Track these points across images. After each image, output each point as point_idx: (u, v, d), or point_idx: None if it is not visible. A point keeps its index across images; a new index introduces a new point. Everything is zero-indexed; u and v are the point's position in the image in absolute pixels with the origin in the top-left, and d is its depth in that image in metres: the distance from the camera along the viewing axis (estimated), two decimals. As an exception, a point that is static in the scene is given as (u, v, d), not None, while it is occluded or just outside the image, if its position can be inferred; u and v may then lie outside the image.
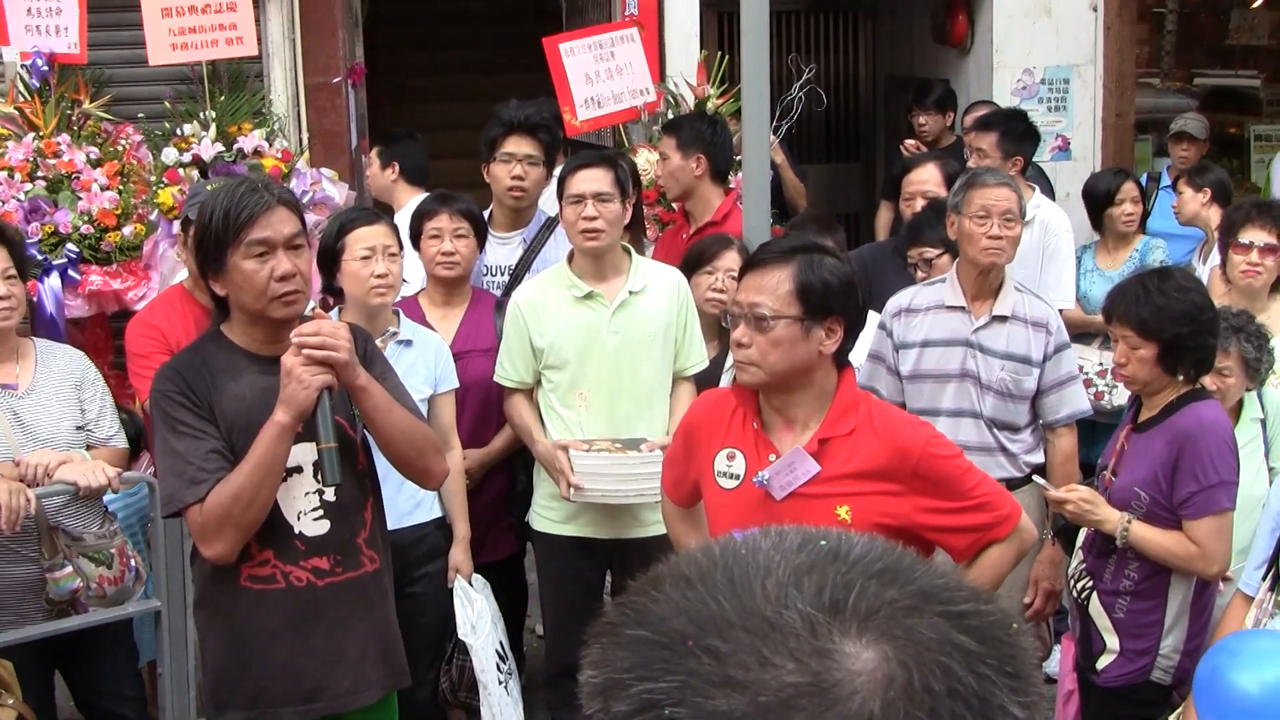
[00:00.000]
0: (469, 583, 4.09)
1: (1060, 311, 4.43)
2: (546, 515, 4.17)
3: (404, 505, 3.89)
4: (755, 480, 2.88)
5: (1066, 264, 5.39)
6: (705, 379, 4.11)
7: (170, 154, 5.35)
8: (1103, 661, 3.59)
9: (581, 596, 4.15)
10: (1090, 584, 3.62)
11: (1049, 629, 4.39)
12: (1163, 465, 3.44)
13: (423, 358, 4.05)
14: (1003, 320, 4.07)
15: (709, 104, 6.00)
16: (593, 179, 4.03)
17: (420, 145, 5.68)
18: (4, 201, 5.17)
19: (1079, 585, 3.66)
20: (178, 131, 5.45)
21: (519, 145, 4.73)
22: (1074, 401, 4.12)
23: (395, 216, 4.83)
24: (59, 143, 5.28)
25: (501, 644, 4.13)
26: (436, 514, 4.08)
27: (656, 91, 6.15)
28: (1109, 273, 5.68)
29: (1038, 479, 3.92)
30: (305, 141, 6.12)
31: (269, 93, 6.03)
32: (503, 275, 4.79)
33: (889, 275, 4.72)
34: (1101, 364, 5.17)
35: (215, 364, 3.05)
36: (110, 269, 5.26)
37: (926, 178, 5.17)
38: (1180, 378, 3.52)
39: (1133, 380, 3.57)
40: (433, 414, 4.02)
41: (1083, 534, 3.71)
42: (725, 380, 3.93)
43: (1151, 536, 3.45)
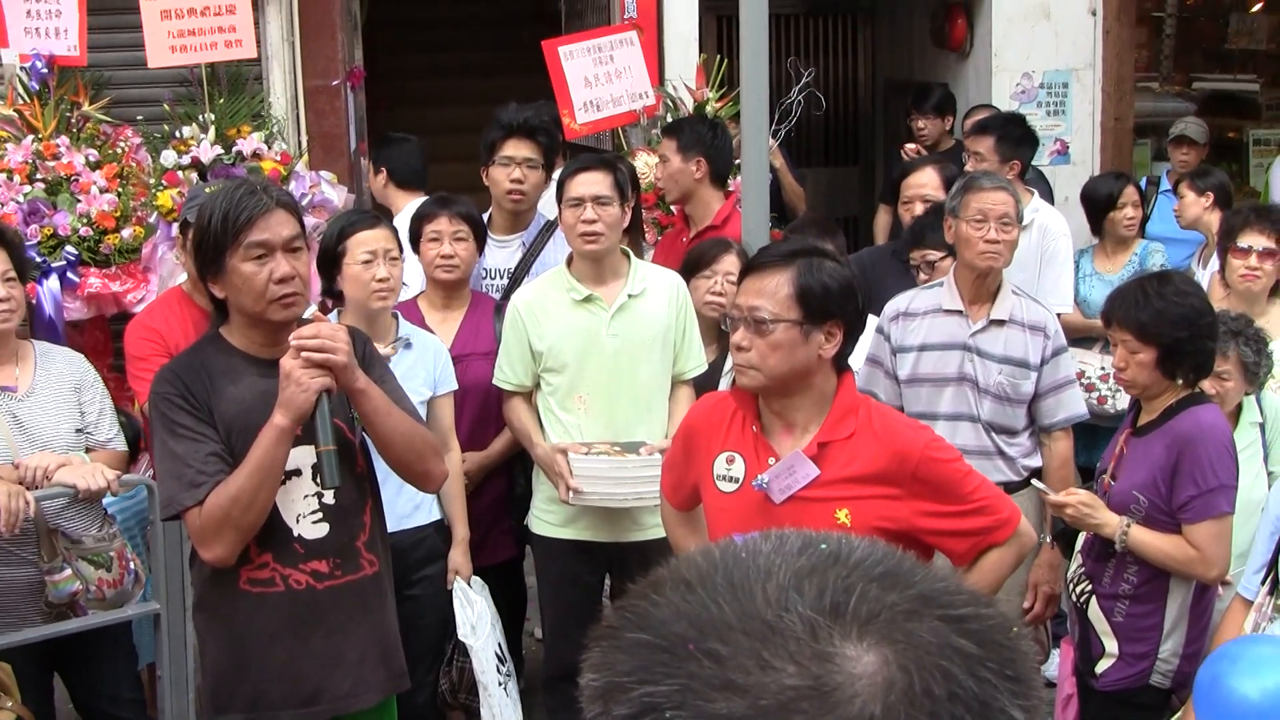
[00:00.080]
0: (468, 584, 4.09)
1: (1060, 316, 4.43)
2: (545, 518, 4.17)
3: (403, 508, 3.89)
4: (754, 483, 2.88)
5: (1065, 268, 5.38)
6: (704, 382, 4.11)
7: (169, 156, 5.34)
8: (1102, 665, 3.59)
9: (580, 600, 4.15)
10: (1089, 588, 3.62)
11: (1047, 633, 4.39)
12: (1162, 469, 3.45)
13: (421, 360, 4.05)
14: (1000, 324, 4.06)
15: (708, 107, 6.00)
16: (592, 182, 4.03)
17: (413, 148, 5.66)
18: (3, 204, 5.17)
19: (1078, 589, 3.66)
20: (177, 134, 5.44)
21: (518, 148, 4.72)
22: (1071, 405, 4.12)
23: (393, 220, 4.83)
24: (58, 145, 5.28)
25: (500, 646, 4.13)
26: (435, 516, 4.08)
27: (655, 95, 6.15)
28: (1108, 277, 5.68)
29: (1036, 483, 3.92)
30: (304, 144, 6.12)
31: (268, 95, 6.03)
32: (502, 278, 4.78)
33: (888, 279, 4.72)
34: (1104, 368, 5.16)
35: (214, 367, 3.05)
36: (109, 271, 5.26)
37: (925, 181, 5.17)
38: (1179, 382, 3.52)
39: (1132, 384, 3.58)
40: (432, 416, 4.01)
41: (1081, 538, 3.71)
42: (724, 383, 3.93)
43: (1151, 540, 3.45)
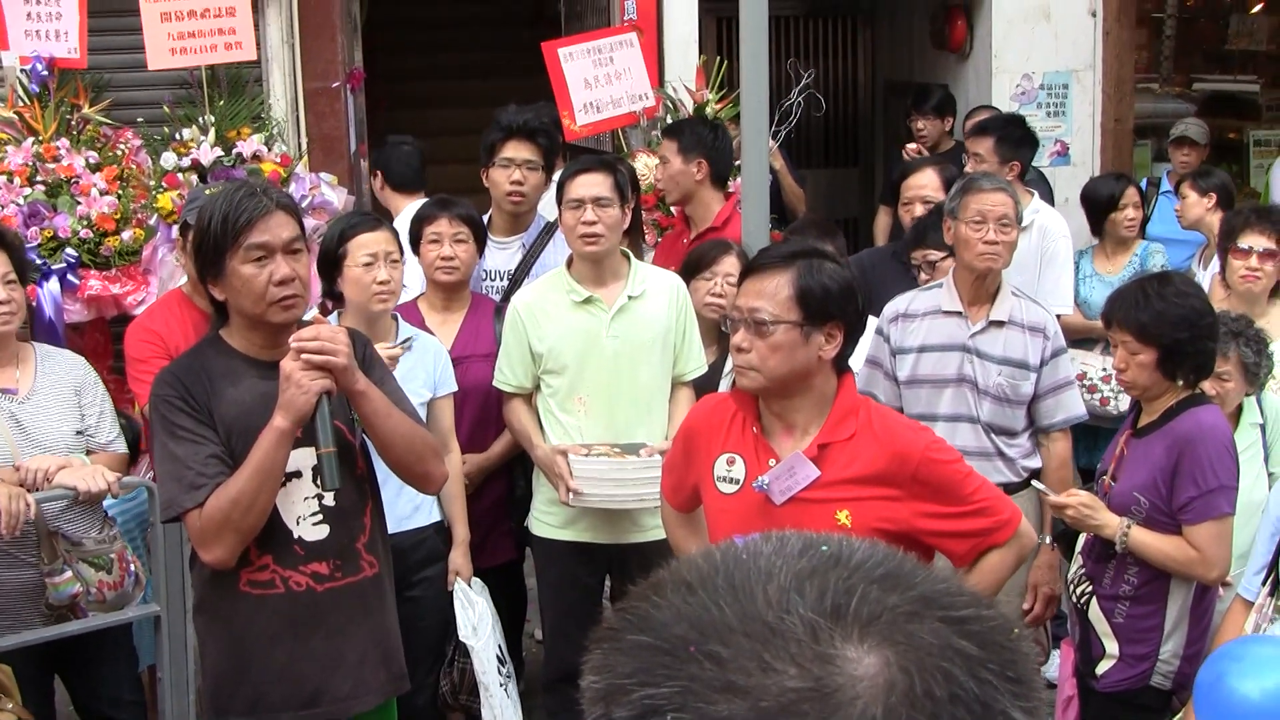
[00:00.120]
0: (468, 585, 4.09)
1: (1061, 317, 4.42)
2: (545, 520, 4.17)
3: (403, 509, 3.88)
4: (755, 485, 2.88)
5: (1065, 269, 5.38)
6: (704, 384, 4.11)
7: (169, 158, 5.34)
8: (1102, 667, 3.58)
9: (580, 602, 4.14)
10: (1090, 589, 3.62)
11: (1047, 634, 4.39)
12: (1162, 470, 3.44)
13: (421, 361, 4.05)
14: (999, 325, 4.06)
15: (708, 109, 5.99)
16: (592, 184, 4.03)
17: (409, 151, 5.66)
18: (3, 206, 5.16)
19: (1078, 590, 3.65)
20: (177, 136, 5.44)
21: (518, 150, 4.72)
22: (1070, 406, 4.12)
23: (394, 222, 4.83)
24: (58, 147, 5.28)
25: (500, 648, 4.13)
26: (436, 518, 4.08)
27: (655, 96, 6.14)
28: (1108, 278, 5.67)
29: (1037, 484, 3.92)
30: (304, 146, 6.11)
31: (268, 97, 6.03)
32: (502, 280, 4.78)
33: (888, 280, 4.71)
34: (1106, 370, 5.15)
35: (214, 369, 3.05)
36: (109, 274, 5.25)
37: (925, 183, 5.17)
38: (1180, 383, 3.52)
39: (1132, 385, 3.58)
40: (431, 417, 4.01)
41: (1082, 539, 3.70)
42: (724, 385, 3.93)
43: (1151, 541, 3.45)
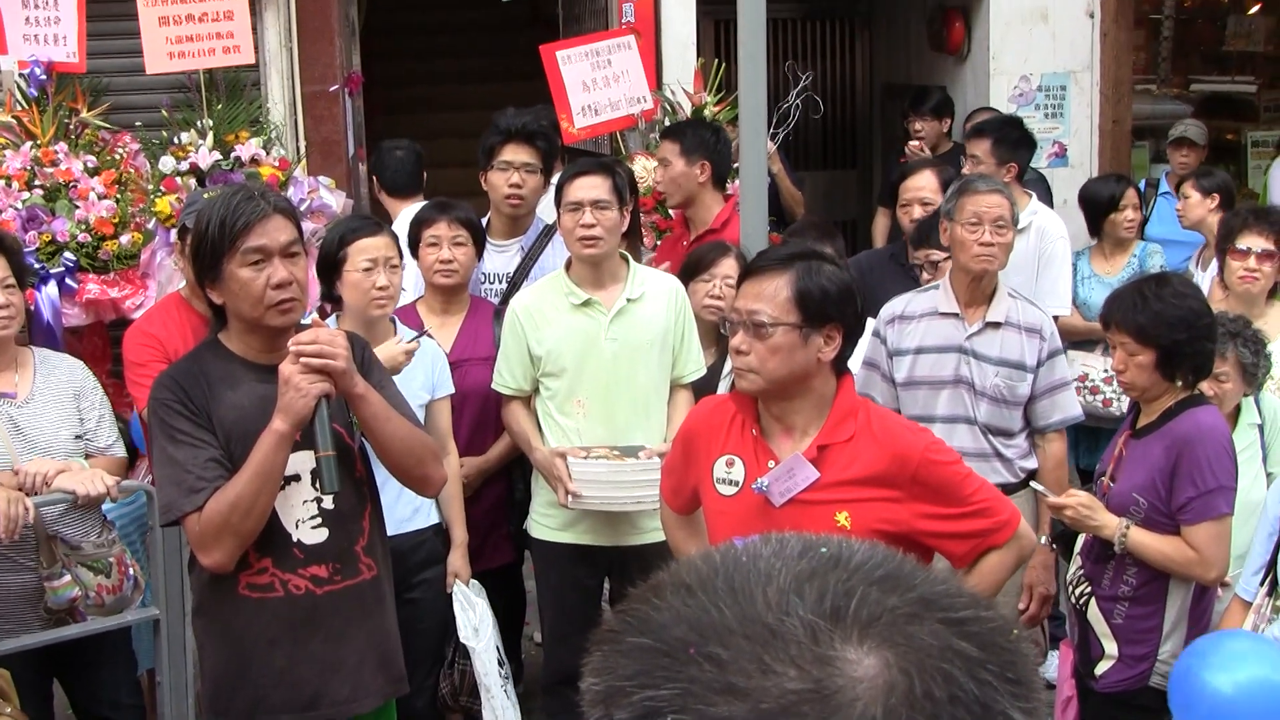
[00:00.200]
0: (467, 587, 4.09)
1: (1061, 319, 4.42)
2: (545, 523, 4.17)
3: (402, 512, 3.88)
4: (754, 487, 2.88)
5: (1063, 270, 5.38)
6: (703, 386, 4.11)
7: (168, 162, 5.34)
8: (1101, 667, 3.58)
9: (580, 604, 4.15)
10: (1088, 589, 3.62)
11: (1044, 633, 4.39)
12: (1161, 471, 3.45)
13: (420, 363, 4.05)
14: (996, 326, 4.07)
15: (706, 111, 6.00)
16: (590, 186, 4.03)
17: (401, 156, 5.66)
18: (1, 210, 5.17)
19: (1077, 591, 3.65)
20: (175, 140, 5.44)
21: (516, 153, 4.72)
22: (1066, 407, 4.12)
23: (393, 226, 4.83)
24: (56, 151, 5.28)
25: (499, 650, 4.13)
26: (434, 520, 4.08)
27: (653, 99, 6.15)
28: (1107, 279, 5.67)
29: (1035, 484, 3.92)
30: (302, 150, 6.11)
31: (266, 101, 6.03)
32: (501, 283, 4.78)
33: (887, 282, 4.71)
34: (1108, 371, 5.13)
35: (213, 372, 3.05)
36: (108, 277, 5.25)
37: (923, 184, 5.17)
38: (1178, 383, 3.52)
39: (1131, 386, 3.58)
40: (430, 419, 4.01)
41: (1081, 539, 3.71)
42: (723, 387, 3.93)
43: (1150, 542, 3.45)
